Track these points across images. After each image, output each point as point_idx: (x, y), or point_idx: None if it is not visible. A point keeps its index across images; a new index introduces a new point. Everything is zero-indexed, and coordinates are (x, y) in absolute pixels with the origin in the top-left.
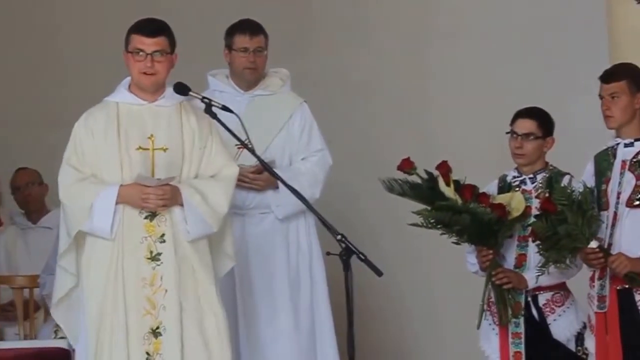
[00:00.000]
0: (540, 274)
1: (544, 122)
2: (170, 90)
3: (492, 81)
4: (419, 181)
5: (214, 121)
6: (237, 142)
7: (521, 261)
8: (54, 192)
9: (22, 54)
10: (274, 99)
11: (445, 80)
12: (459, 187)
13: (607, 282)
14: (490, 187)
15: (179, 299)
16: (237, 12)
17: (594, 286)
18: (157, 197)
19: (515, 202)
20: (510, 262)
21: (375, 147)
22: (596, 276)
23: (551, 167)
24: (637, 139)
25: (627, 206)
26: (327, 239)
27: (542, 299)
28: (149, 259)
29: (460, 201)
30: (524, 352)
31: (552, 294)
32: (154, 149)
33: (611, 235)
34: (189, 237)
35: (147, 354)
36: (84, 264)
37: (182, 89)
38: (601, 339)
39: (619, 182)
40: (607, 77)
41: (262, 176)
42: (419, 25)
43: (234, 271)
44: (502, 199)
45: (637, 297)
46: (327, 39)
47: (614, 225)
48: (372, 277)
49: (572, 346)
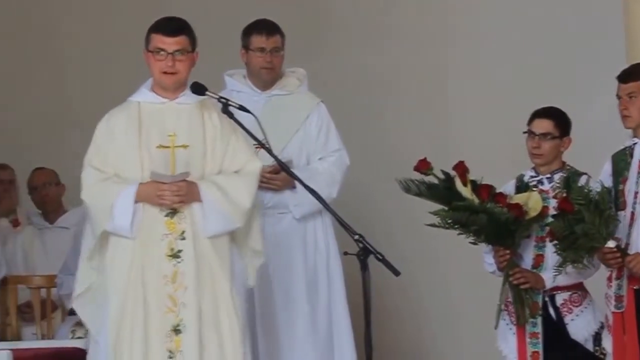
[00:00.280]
0: (557, 273)
1: (561, 122)
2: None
3: (509, 81)
4: (435, 181)
5: (250, 117)
6: (255, 142)
7: (539, 261)
8: (70, 192)
9: (41, 54)
10: (291, 99)
11: (462, 80)
12: (476, 187)
13: (625, 282)
14: (507, 187)
15: (198, 297)
16: (254, 12)
17: (612, 286)
18: (172, 194)
19: (532, 202)
20: (527, 262)
21: (392, 148)
22: (613, 276)
23: (568, 167)
24: None
25: None
26: (344, 239)
27: (560, 298)
28: (169, 256)
29: (477, 201)
30: (541, 352)
31: (569, 294)
32: (174, 147)
33: (629, 235)
34: (207, 233)
35: (170, 351)
36: (107, 262)
37: (199, 89)
38: (619, 338)
39: (636, 182)
40: (625, 76)
41: (279, 176)
42: (436, 25)
43: None
44: (519, 198)
45: None
46: (344, 38)
47: (631, 225)
48: (390, 277)
49: (589, 346)
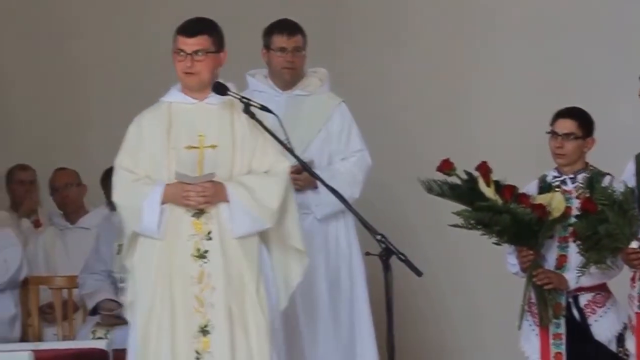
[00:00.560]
0: (581, 274)
1: (584, 122)
2: None
3: (533, 81)
4: (458, 182)
5: (274, 119)
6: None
7: (562, 262)
8: (92, 192)
9: (61, 54)
10: (313, 99)
11: (485, 79)
12: (499, 187)
13: None
14: (530, 187)
15: (227, 297)
16: (274, 11)
17: (635, 286)
18: (196, 194)
19: (555, 203)
20: (550, 262)
21: (414, 148)
22: (637, 277)
23: (591, 168)
24: None
25: None
26: (366, 239)
27: (583, 299)
28: (196, 256)
29: (500, 201)
30: (564, 353)
31: (593, 294)
32: (203, 147)
33: None
34: (234, 234)
35: (197, 352)
36: (135, 263)
37: (220, 89)
38: None
39: None
40: None
41: (301, 176)
42: (459, 23)
43: None
44: (543, 199)
45: None
46: (367, 37)
47: None
48: (412, 277)
49: (613, 347)
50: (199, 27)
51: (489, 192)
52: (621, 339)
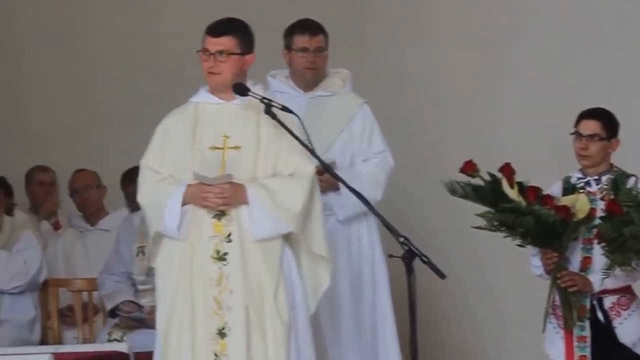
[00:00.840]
0: (605, 276)
1: (609, 123)
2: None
3: (556, 81)
4: (481, 183)
5: (295, 119)
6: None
7: (586, 264)
8: (112, 194)
9: (80, 54)
10: (335, 100)
11: (508, 80)
12: (523, 188)
13: None
14: (554, 188)
15: (244, 300)
16: (295, 11)
17: None
18: (214, 196)
19: (579, 204)
20: (575, 264)
21: (437, 149)
22: None
23: (616, 169)
24: None
25: None
26: (389, 242)
27: (608, 302)
28: (215, 258)
29: (524, 203)
30: (589, 356)
31: (617, 297)
32: (226, 148)
33: None
34: (254, 237)
35: (215, 354)
36: (158, 264)
37: (241, 90)
38: None
39: None
40: None
41: (323, 177)
42: (480, 23)
43: None
44: (567, 200)
45: None
46: (388, 38)
47: None
48: (435, 279)
49: (638, 350)
50: (225, 27)
51: (513, 193)
52: None
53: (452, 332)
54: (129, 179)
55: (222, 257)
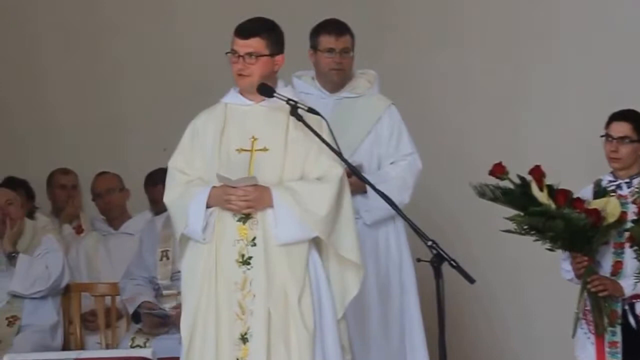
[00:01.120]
0: (637, 281)
1: None
2: (278, 90)
3: (586, 82)
4: (511, 186)
5: (324, 122)
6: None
7: (617, 268)
8: (134, 197)
9: (101, 56)
10: (362, 102)
11: (537, 81)
12: (553, 192)
13: None
14: (585, 191)
15: (267, 305)
16: (321, 11)
17: None
18: (238, 198)
19: (610, 208)
20: (606, 269)
21: (465, 151)
22: None
23: None
24: None
25: None
26: (417, 245)
27: (639, 307)
28: (240, 262)
29: (554, 206)
30: None
31: None
32: (254, 150)
33: None
34: (278, 240)
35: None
36: (183, 267)
37: (266, 91)
38: None
39: None
40: None
41: (350, 180)
42: (512, 24)
43: None
44: (597, 204)
45: None
46: (416, 38)
47: None
48: (464, 284)
49: None
50: (253, 28)
51: (542, 196)
52: None
53: (482, 337)
54: (152, 181)
55: (246, 261)
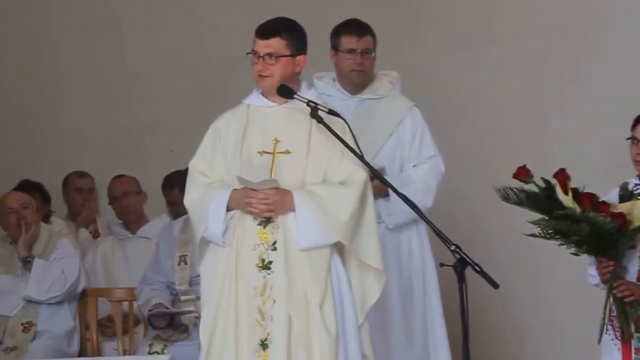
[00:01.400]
0: None
1: None
2: (301, 92)
3: (611, 84)
4: (535, 190)
5: (343, 124)
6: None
7: None
8: (152, 200)
9: (118, 57)
10: (383, 103)
11: (561, 82)
12: (578, 195)
13: None
14: (610, 195)
15: (287, 311)
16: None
17: None
18: (258, 201)
19: (636, 211)
20: (632, 274)
21: (488, 153)
22: None
23: None
24: None
25: None
26: (440, 250)
27: None
28: (260, 267)
29: (579, 210)
30: None
31: None
32: (276, 153)
33: None
34: (298, 245)
35: None
36: (203, 271)
37: (286, 92)
38: None
39: None
40: None
41: (372, 184)
42: (533, 25)
43: None
44: (623, 207)
45: None
46: (438, 39)
47: None
48: (488, 289)
49: None
50: (273, 28)
51: (567, 200)
52: None
53: (506, 343)
54: (169, 184)
55: (266, 266)
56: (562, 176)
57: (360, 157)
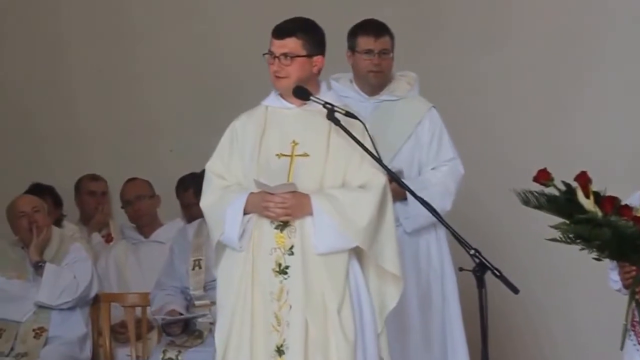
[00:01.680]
0: None
1: None
2: (320, 93)
3: (634, 86)
4: (556, 193)
5: (360, 126)
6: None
7: None
8: (166, 204)
9: (130, 59)
10: (401, 105)
11: (583, 84)
12: (599, 199)
13: None
14: (633, 199)
15: (304, 316)
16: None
17: None
18: (275, 205)
19: None
20: None
21: (508, 156)
22: None
23: None
24: None
25: None
26: (459, 254)
27: None
28: (277, 272)
29: (600, 214)
30: None
31: None
32: (294, 156)
33: None
34: (316, 250)
35: None
36: (219, 276)
37: (302, 94)
38: None
39: None
40: None
41: (390, 186)
42: (554, 26)
43: None
44: None
45: None
46: (457, 39)
47: None
48: (508, 294)
49: None
50: (289, 28)
51: (589, 204)
52: None
53: (527, 349)
54: (184, 186)
55: (283, 271)
56: (583, 179)
57: (377, 159)
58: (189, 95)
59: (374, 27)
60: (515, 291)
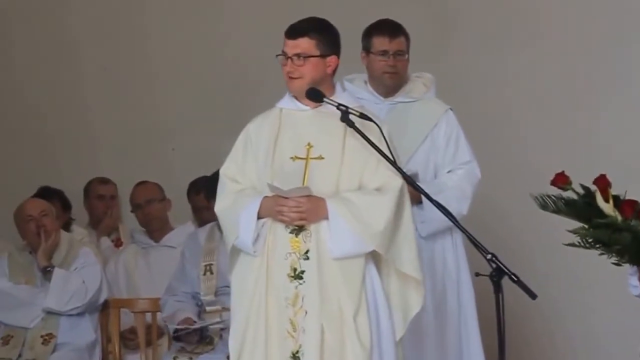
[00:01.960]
0: None
1: None
2: (335, 95)
3: None
4: (574, 197)
5: (375, 128)
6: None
7: None
8: (177, 207)
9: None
10: (417, 106)
11: (600, 86)
12: (619, 203)
13: None
14: None
15: (320, 322)
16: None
17: None
18: (289, 209)
19: None
20: None
21: (525, 159)
22: None
23: None
24: None
25: None
26: (476, 259)
27: None
28: (292, 277)
29: (620, 218)
30: None
31: None
32: (309, 158)
33: None
34: (332, 254)
35: None
36: (233, 280)
37: (315, 95)
38: None
39: None
40: None
41: None
42: (572, 27)
43: None
44: None
45: None
46: (475, 40)
47: None
48: (526, 299)
49: None
50: (301, 28)
51: (608, 208)
52: None
53: (544, 355)
54: (195, 189)
55: (298, 276)
56: (602, 183)
57: (393, 162)
58: (200, 97)
59: (389, 28)
60: (532, 296)
